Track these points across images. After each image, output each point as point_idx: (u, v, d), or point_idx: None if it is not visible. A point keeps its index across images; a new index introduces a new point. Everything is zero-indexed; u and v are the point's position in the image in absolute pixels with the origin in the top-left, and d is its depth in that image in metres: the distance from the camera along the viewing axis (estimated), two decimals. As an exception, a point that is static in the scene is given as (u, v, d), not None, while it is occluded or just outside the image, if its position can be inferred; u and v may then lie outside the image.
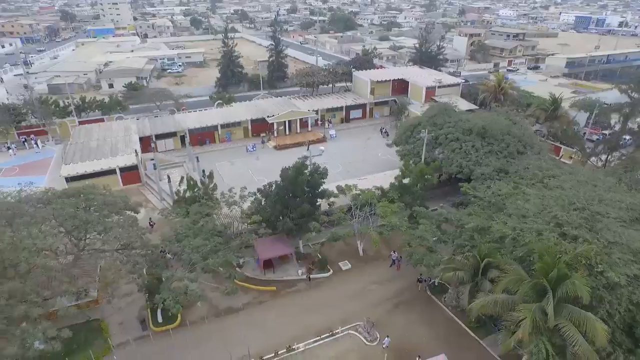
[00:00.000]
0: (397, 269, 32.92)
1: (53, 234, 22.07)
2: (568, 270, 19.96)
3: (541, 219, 23.62)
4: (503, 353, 22.50)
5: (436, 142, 41.86)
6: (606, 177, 29.43)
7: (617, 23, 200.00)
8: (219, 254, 25.22)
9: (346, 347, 25.99)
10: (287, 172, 30.34)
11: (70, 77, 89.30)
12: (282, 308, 29.06)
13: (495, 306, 21.77)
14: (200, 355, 24.66)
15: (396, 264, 32.91)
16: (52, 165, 51.13)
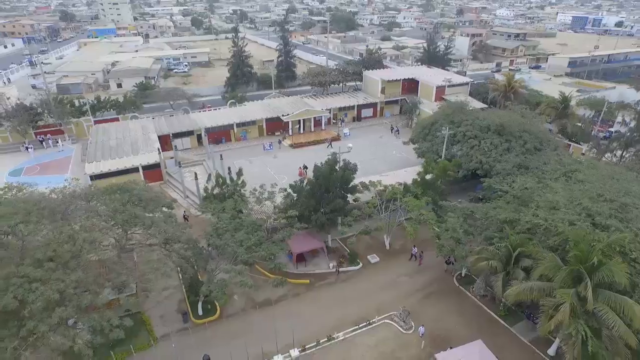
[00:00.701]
0: (418, 263, 33.90)
1: (107, 227, 22.87)
2: (603, 257, 21.12)
3: (572, 210, 24.79)
4: (542, 335, 23.57)
5: (454, 140, 42.99)
6: (627, 171, 30.69)
7: (614, 23, 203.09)
8: (262, 246, 26.14)
9: (383, 335, 27.01)
10: (320, 168, 31.32)
11: (79, 77, 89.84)
12: (317, 300, 30.01)
13: (531, 293, 22.93)
14: (242, 345, 25.43)
15: (417, 259, 33.84)
16: (72, 164, 51.77)
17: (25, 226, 21.28)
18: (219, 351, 24.62)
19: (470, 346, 23.82)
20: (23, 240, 21.03)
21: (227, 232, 26.46)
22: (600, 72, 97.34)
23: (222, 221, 27.24)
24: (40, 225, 22.00)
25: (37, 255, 20.02)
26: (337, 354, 25.60)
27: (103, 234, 22.35)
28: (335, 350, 25.87)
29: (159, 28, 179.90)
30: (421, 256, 33.93)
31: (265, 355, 24.98)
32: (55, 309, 18.55)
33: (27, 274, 19.10)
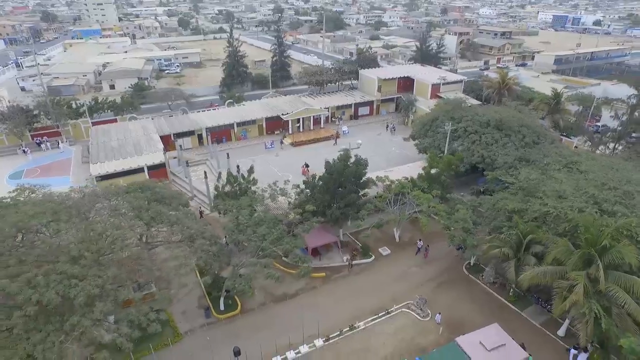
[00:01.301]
0: (424, 256, 34.95)
1: (136, 224, 23.26)
2: (612, 241, 22.55)
3: (579, 198, 26.26)
4: (556, 316, 24.93)
5: (455, 135, 44.35)
6: (624, 162, 32.46)
7: (592, 22, 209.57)
8: (284, 240, 26.86)
9: (402, 323, 28.05)
10: (333, 164, 32.19)
11: (70, 79, 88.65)
12: (334, 292, 30.85)
13: (544, 276, 24.27)
14: (267, 337, 26.10)
15: (423, 253, 34.89)
16: (73, 166, 51.37)
17: (57, 224, 21.54)
18: (246, 343, 25.23)
19: (487, 329, 25.03)
20: (53, 237, 21.28)
21: (248, 228, 27.06)
22: (584, 69, 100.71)
23: (243, 217, 27.82)
24: (70, 224, 22.26)
25: (73, 252, 20.35)
26: (360, 342, 26.53)
27: (133, 230, 22.70)
28: (358, 339, 26.79)
29: (146, 29, 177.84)
30: (427, 249, 35.03)
31: (292, 345, 25.72)
32: (97, 303, 18.96)
33: (65, 271, 19.44)
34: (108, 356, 18.33)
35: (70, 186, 37.04)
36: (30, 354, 17.71)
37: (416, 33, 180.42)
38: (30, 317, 18.07)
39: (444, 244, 35.30)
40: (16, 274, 19.03)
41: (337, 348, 26.13)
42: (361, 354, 25.64)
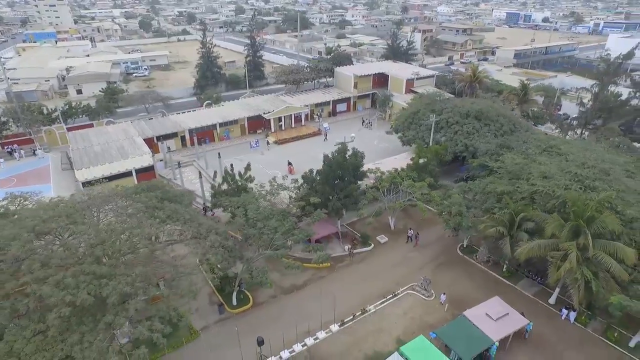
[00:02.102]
0: (414, 244, 36.69)
1: (152, 224, 23.36)
2: (596, 212, 25.15)
3: (563, 177, 28.87)
4: (552, 283, 27.27)
5: (438, 126, 46.67)
6: (596, 144, 35.74)
7: (541, 19, 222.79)
8: (294, 231, 27.71)
9: (409, 304, 29.67)
10: (332, 157, 33.35)
11: (31, 84, 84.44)
12: (341, 280, 32.03)
13: (539, 249, 26.64)
14: (282, 327, 26.68)
15: (414, 241, 36.59)
16: (53, 173, 49.46)
17: (75, 227, 21.37)
18: (264, 334, 25.81)
19: (491, 302, 27.10)
20: (73, 239, 21.12)
21: (258, 222, 27.70)
22: (540, 62, 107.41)
23: (251, 211, 28.42)
24: (87, 226, 22.09)
25: (97, 253, 20.33)
26: (373, 324, 27.87)
27: (152, 229, 22.80)
28: (370, 321, 28.13)
29: (105, 31, 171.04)
30: (417, 237, 36.79)
31: (310, 332, 26.68)
32: (130, 301, 19.11)
33: (93, 271, 19.44)
34: (146, 352, 18.57)
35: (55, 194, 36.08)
36: (68, 354, 17.68)
37: (380, 31, 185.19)
38: (64, 318, 18.01)
39: (434, 230, 37.57)
40: (43, 277, 18.85)
41: (352, 331, 27.35)
42: (376, 335, 26.99)
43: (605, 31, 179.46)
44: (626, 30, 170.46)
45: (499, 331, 24.88)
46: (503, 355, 25.33)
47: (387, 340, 26.47)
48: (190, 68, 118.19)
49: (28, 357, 17.16)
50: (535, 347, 26.27)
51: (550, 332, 27.32)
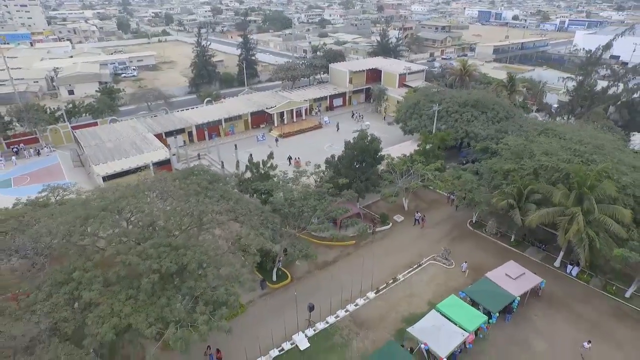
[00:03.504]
0: (421, 227, 39.72)
1: (212, 202, 25.31)
2: (596, 181, 28.86)
3: (564, 153, 32.60)
4: (561, 245, 30.81)
5: (438, 116, 50.08)
6: (585, 126, 39.90)
7: (511, 17, 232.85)
8: (332, 209, 30.22)
9: (433, 272, 32.71)
10: (354, 143, 36.05)
11: (20, 85, 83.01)
12: (367, 255, 34.57)
13: (548, 216, 30.15)
14: (322, 298, 29.11)
15: (420, 223, 39.45)
16: (65, 170, 49.95)
17: (148, 206, 23.18)
18: (308, 303, 28.18)
19: (507, 264, 30.46)
20: (146, 217, 22.91)
21: (296, 202, 30.05)
22: (517, 57, 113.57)
23: (287, 193, 30.75)
24: (152, 205, 23.89)
25: (169, 227, 22.25)
26: (404, 291, 30.72)
27: (214, 206, 24.70)
28: (401, 288, 30.96)
29: (83, 33, 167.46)
30: (423, 219, 39.84)
31: (349, 300, 29.28)
32: (208, 268, 21.16)
33: (169, 243, 21.38)
34: (227, 312, 20.69)
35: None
36: (159, 315, 19.59)
37: (360, 29, 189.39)
38: (153, 284, 19.90)
39: (443, 211, 40.94)
40: (127, 249, 20.65)
41: (387, 297, 30.12)
42: (409, 299, 29.85)
43: (570, 28, 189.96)
44: (589, 27, 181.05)
45: (518, 288, 28.20)
46: (522, 310, 28.68)
47: (419, 303, 29.36)
48: (177, 68, 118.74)
49: (126, 317, 18.98)
50: (548, 301, 29.78)
51: (559, 290, 30.92)
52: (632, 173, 30.33)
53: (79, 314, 19.31)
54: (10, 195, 42.75)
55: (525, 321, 28.13)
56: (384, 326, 27.56)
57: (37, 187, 44.19)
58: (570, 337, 26.75)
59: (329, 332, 27.13)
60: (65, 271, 20.29)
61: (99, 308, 19.06)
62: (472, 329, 25.16)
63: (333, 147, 54.75)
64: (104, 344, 18.74)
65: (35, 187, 45.48)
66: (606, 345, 26.08)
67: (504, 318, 27.94)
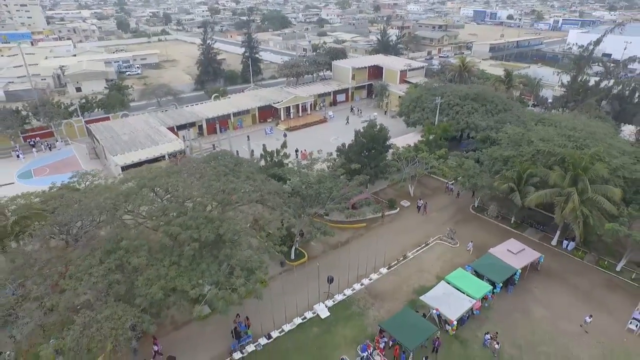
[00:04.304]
0: (423, 213, 42.06)
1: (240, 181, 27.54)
2: (589, 163, 31.40)
3: (559, 139, 35.15)
4: (558, 223, 33.33)
5: (440, 109, 52.55)
6: (579, 116, 42.54)
7: (506, 16, 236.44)
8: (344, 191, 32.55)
9: (440, 251, 35.13)
10: (364, 131, 38.39)
11: (28, 83, 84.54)
12: (378, 236, 36.88)
13: (546, 196, 32.65)
14: (338, 273, 31.37)
15: (423, 210, 41.65)
16: (82, 162, 51.94)
17: (183, 183, 25.38)
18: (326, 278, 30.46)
19: (509, 242, 32.98)
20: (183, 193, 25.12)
21: (313, 185, 32.33)
22: (513, 55, 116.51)
23: (303, 177, 33.04)
24: (186, 184, 26.08)
25: (204, 202, 24.45)
26: (414, 267, 33.11)
27: (247, 184, 26.93)
28: (411, 265, 33.36)
29: (83, 32, 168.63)
30: (426, 206, 42.19)
31: (364, 275, 31.63)
32: (242, 238, 23.39)
33: (205, 216, 23.58)
34: (260, 277, 22.95)
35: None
36: (200, 279, 21.79)
37: (358, 29, 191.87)
38: (194, 251, 22.10)
39: (445, 198, 43.49)
40: (168, 222, 22.84)
41: (398, 272, 32.49)
42: (418, 274, 32.24)
43: (564, 28, 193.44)
44: (582, 26, 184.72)
45: (519, 261, 30.68)
46: (523, 283, 31.12)
47: (428, 277, 31.73)
48: (179, 66, 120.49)
49: (172, 280, 21.16)
50: (547, 275, 32.27)
51: (556, 265, 33.42)
52: (621, 156, 33.00)
53: (129, 278, 21.46)
54: (31, 185, 44.85)
55: (526, 292, 30.58)
56: (397, 297, 29.90)
57: (56, 178, 46.63)
58: (567, 305, 29.24)
59: (346, 303, 29.46)
60: (114, 240, 22.44)
61: (147, 272, 21.22)
62: (479, 297, 27.57)
63: (339, 139, 56.93)
64: (153, 304, 20.86)
65: (54, 177, 47.61)
66: (598, 312, 28.56)
67: (506, 290, 30.37)
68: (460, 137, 53.22)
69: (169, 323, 27.35)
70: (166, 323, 27.22)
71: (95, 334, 18.42)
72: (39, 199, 30.10)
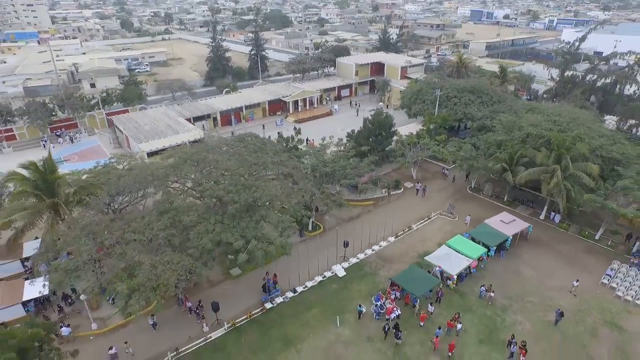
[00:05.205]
0: (422, 196, 46.20)
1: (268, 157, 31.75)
2: (571, 144, 35.70)
3: (546, 124, 39.48)
4: (544, 196, 37.61)
5: (439, 101, 56.79)
6: (565, 105, 46.93)
7: (502, 16, 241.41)
8: (356, 169, 36.74)
9: (440, 223, 39.39)
10: (372, 118, 42.59)
11: (45, 79, 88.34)
12: (385, 212, 41.01)
13: (534, 174, 36.92)
14: (350, 241, 35.47)
15: (422, 193, 45.76)
16: (107, 150, 55.88)
17: (220, 157, 29.55)
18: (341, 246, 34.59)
19: (502, 214, 37.27)
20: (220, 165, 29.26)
21: (329, 163, 36.49)
22: (508, 53, 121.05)
23: (321, 157, 37.20)
24: (224, 157, 30.24)
25: (241, 172, 28.58)
26: (417, 236, 37.36)
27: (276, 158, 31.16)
28: (415, 234, 37.63)
29: (88, 31, 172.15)
30: (424, 190, 46.28)
31: (378, 242, 35.88)
32: (273, 202, 27.52)
33: (243, 183, 27.68)
34: (290, 234, 27.11)
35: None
36: (242, 234, 25.88)
37: (358, 28, 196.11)
38: (236, 211, 26.21)
39: (443, 181, 47.64)
40: (212, 187, 26.94)
41: (404, 240, 36.74)
42: (422, 242, 36.47)
43: (559, 27, 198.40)
44: (576, 26, 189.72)
45: (511, 230, 34.95)
46: (514, 249, 35.39)
47: (431, 244, 35.93)
48: (186, 64, 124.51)
49: (217, 234, 25.24)
50: (535, 243, 36.56)
51: (544, 236, 37.70)
52: (599, 138, 37.37)
53: (181, 232, 25.56)
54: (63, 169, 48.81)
55: (517, 257, 34.85)
56: (404, 260, 34.09)
57: (85, 164, 50.62)
58: (552, 267, 33.52)
59: (360, 265, 33.68)
60: (168, 201, 26.53)
61: (197, 227, 25.32)
62: (475, 257, 31.81)
63: (344, 130, 61.17)
64: (203, 253, 24.94)
65: (83, 164, 51.63)
66: (580, 272, 32.81)
67: (499, 255, 34.63)
68: (458, 127, 57.54)
69: (205, 281, 31.49)
70: (203, 282, 31.35)
71: (161, 273, 22.48)
72: (86, 176, 34.15)
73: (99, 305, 28.97)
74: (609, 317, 28.40)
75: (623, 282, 31.01)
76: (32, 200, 29.18)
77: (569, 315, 28.40)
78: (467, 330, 27.32)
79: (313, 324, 27.92)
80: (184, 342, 26.38)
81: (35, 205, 28.87)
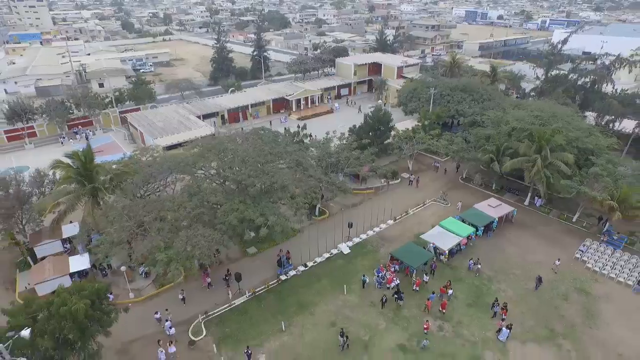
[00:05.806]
0: (416, 186, 50.24)
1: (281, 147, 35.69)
2: (550, 136, 39.94)
3: (529, 119, 43.73)
4: (527, 182, 41.83)
5: (433, 99, 60.97)
6: (548, 102, 51.29)
7: (496, 16, 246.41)
8: (359, 159, 40.78)
9: (434, 209, 43.55)
10: (372, 114, 46.63)
11: (55, 80, 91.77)
12: (385, 199, 44.99)
13: (518, 163, 41.13)
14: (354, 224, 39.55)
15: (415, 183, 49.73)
16: (123, 146, 59.55)
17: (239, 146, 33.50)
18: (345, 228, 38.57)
19: (489, 200, 41.48)
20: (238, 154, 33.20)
21: (333, 154, 40.50)
22: (500, 53, 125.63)
23: (324, 149, 41.19)
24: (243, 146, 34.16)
25: (258, 160, 32.57)
26: (414, 220, 41.50)
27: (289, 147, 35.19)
28: (412, 218, 41.78)
29: (89, 32, 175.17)
30: (418, 181, 50.29)
31: (378, 224, 39.96)
32: (288, 186, 31.51)
33: (262, 169, 31.64)
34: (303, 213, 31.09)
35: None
36: (261, 212, 29.83)
37: (355, 29, 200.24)
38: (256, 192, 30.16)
39: (435, 173, 51.69)
40: (234, 172, 30.89)
41: (402, 223, 40.86)
42: (418, 224, 40.59)
43: (551, 27, 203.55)
44: (568, 26, 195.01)
45: (497, 212, 39.16)
46: (500, 231, 39.59)
47: (426, 227, 39.97)
48: (189, 64, 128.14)
49: (241, 212, 29.18)
50: (519, 226, 40.77)
51: (527, 219, 41.91)
52: (576, 131, 41.70)
53: (209, 211, 29.49)
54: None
55: (502, 237, 39.03)
56: (402, 240, 38.15)
57: (103, 158, 54.29)
58: (534, 245, 37.70)
59: (363, 244, 37.79)
60: (196, 184, 30.48)
61: (224, 206, 29.26)
62: (465, 235, 35.98)
63: (345, 127, 65.27)
64: (229, 229, 28.89)
65: (100, 158, 55.20)
66: (558, 249, 37.02)
67: (486, 235, 38.80)
68: (451, 123, 61.71)
69: (226, 258, 35.43)
70: (224, 258, 35.30)
71: (196, 244, 26.41)
72: (115, 166, 37.98)
73: (133, 278, 32.82)
74: (579, 284, 32.65)
75: (593, 256, 35.25)
76: (75, 186, 32.97)
77: (546, 284, 32.56)
78: (457, 296, 31.44)
79: (323, 292, 31.95)
80: (211, 307, 30.32)
81: (77, 190, 32.67)
